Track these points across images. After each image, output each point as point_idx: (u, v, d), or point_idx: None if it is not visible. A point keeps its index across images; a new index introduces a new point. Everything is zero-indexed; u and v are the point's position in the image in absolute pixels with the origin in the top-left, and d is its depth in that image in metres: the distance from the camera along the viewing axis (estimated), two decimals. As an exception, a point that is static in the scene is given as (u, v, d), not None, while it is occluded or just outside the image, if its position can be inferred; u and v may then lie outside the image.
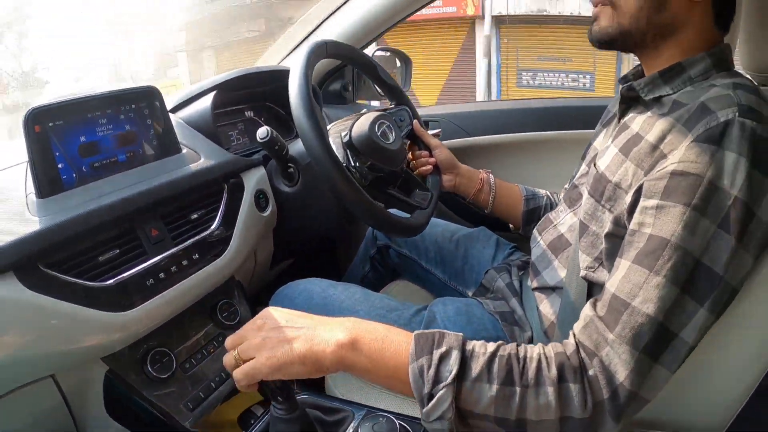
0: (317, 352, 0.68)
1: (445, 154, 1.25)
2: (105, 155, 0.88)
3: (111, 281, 0.80)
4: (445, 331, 0.71)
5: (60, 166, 0.82)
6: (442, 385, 0.65)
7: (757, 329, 0.72)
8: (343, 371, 0.71)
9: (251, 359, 0.70)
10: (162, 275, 0.88)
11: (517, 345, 0.70)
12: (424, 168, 1.24)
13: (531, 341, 0.97)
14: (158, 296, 0.86)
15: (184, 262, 0.92)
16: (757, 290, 0.69)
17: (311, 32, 1.50)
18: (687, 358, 0.67)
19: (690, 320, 0.64)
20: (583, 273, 0.84)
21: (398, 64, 1.71)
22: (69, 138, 0.83)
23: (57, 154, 0.81)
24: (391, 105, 1.30)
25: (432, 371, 0.66)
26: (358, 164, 1.05)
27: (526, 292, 1.05)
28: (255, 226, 1.08)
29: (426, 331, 0.71)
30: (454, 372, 0.65)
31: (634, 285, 0.66)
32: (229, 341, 0.74)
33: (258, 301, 1.16)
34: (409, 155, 1.26)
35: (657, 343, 0.64)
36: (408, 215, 1.11)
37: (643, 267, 0.66)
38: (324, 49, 1.08)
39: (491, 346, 0.69)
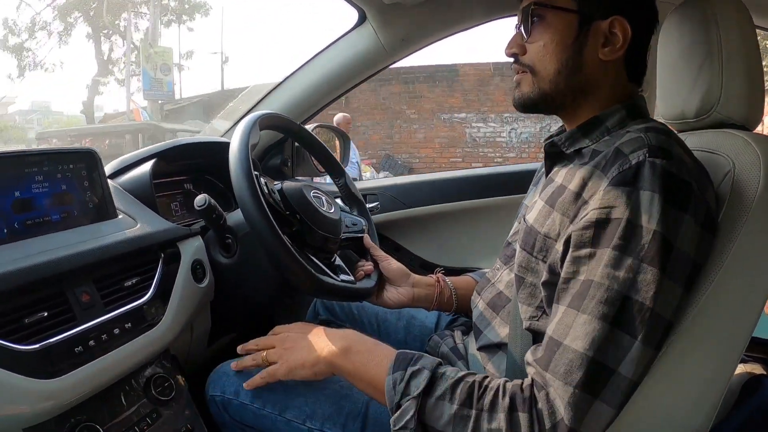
0: (315, 357, 0.90)
1: (395, 266, 1.21)
2: (39, 213, 0.88)
3: (36, 345, 0.77)
4: (424, 354, 0.82)
5: (-9, 219, 0.81)
6: (408, 397, 0.77)
7: (694, 370, 0.77)
8: (337, 374, 0.91)
9: (272, 364, 0.95)
10: (92, 343, 0.85)
11: (486, 375, 0.78)
12: (359, 273, 1.20)
13: None
14: (87, 365, 0.83)
15: (116, 331, 0.89)
16: (691, 328, 0.74)
17: (253, 106, 1.57)
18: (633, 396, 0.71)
19: (626, 354, 0.70)
20: (526, 324, 0.88)
21: (336, 141, 1.79)
22: (3, 192, 0.83)
23: (-11, 207, 0.81)
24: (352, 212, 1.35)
25: (402, 384, 0.78)
26: (282, 207, 1.06)
27: (471, 354, 1.07)
28: (191, 297, 1.08)
29: (408, 351, 0.85)
30: (420, 388, 0.77)
31: (566, 325, 0.72)
32: (254, 344, 1.01)
33: (195, 380, 1.12)
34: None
35: (592, 378, 0.69)
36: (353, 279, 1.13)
37: (573, 308, 0.72)
38: (271, 120, 1.14)
39: (461, 372, 0.78)
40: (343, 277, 1.14)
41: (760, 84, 0.88)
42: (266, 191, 1.04)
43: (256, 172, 1.00)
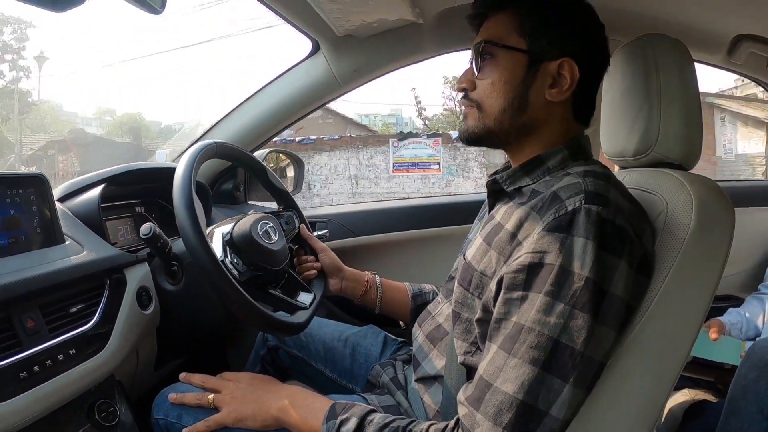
0: (265, 412, 0.97)
1: (330, 258, 1.35)
2: (-13, 238, 0.91)
3: (-19, 371, 0.80)
4: (357, 402, 0.91)
5: (-62, 243, 0.83)
6: None
7: (626, 402, 0.79)
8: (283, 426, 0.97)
9: (219, 410, 1.00)
10: (36, 368, 0.88)
11: (413, 420, 0.84)
12: (308, 272, 1.32)
13: None
14: (31, 390, 0.86)
15: (60, 357, 0.93)
16: (623, 361, 0.77)
17: (204, 133, 1.61)
18: None
19: (558, 397, 0.73)
20: (461, 359, 0.93)
21: (290, 166, 1.84)
22: (-49, 216, 0.85)
23: (-63, 230, 0.83)
24: (279, 208, 1.40)
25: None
26: (236, 260, 1.12)
27: (411, 385, 1.11)
28: (136, 323, 1.10)
29: (342, 401, 0.93)
30: None
31: (497, 367, 0.76)
32: (200, 381, 1.05)
33: (142, 403, 1.14)
34: (296, 259, 1.34)
35: (523, 419, 0.73)
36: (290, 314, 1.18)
37: (504, 351, 0.76)
38: (213, 150, 1.18)
39: (389, 418, 0.85)
40: (301, 298, 1.23)
41: (697, 125, 0.92)
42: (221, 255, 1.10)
43: (203, 214, 1.05)
